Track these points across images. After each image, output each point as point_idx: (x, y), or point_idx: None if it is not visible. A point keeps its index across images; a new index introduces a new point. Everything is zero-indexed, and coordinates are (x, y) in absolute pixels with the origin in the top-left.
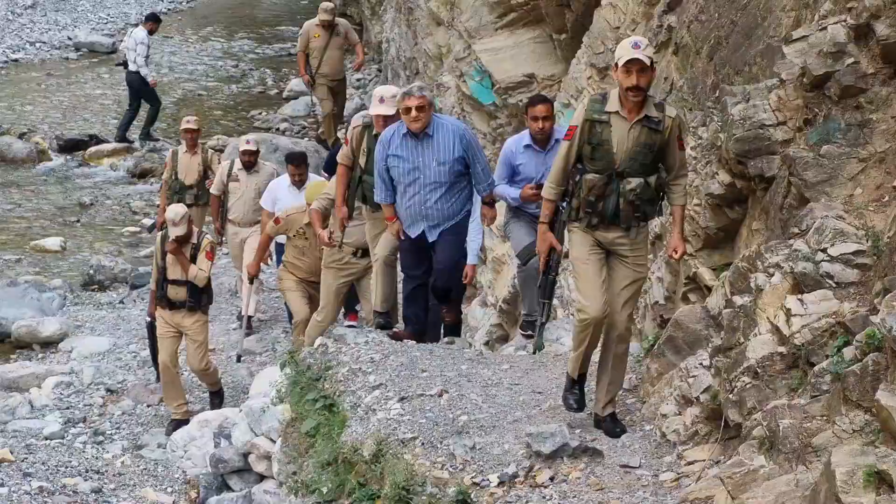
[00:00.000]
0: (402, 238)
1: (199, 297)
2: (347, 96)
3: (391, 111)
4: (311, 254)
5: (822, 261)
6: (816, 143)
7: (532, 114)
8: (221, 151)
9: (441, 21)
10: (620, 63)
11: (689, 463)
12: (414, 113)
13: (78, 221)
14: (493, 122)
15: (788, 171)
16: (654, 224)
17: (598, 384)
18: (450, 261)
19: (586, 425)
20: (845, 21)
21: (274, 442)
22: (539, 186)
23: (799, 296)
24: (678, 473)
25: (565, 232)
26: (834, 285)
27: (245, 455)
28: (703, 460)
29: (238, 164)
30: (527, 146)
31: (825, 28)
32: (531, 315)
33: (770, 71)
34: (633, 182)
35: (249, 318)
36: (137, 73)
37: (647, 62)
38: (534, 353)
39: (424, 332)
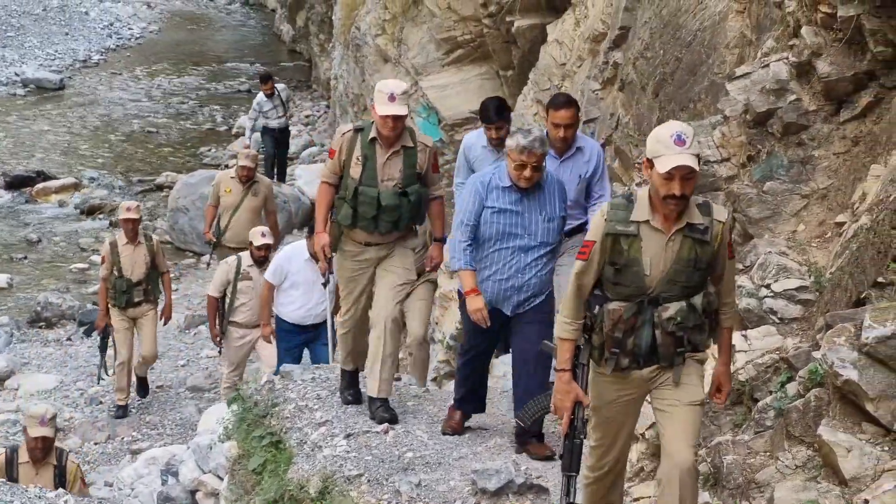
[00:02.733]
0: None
1: None
2: (296, 133)
3: (403, 111)
4: None
5: (766, 296)
6: (760, 180)
7: (552, 119)
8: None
9: (388, 58)
10: (661, 168)
11: (636, 500)
12: (528, 172)
13: (25, 258)
14: (441, 159)
15: (732, 207)
16: None
17: None
18: (537, 355)
19: (532, 462)
20: (787, 59)
21: (221, 479)
22: None
23: (743, 332)
24: None
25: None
26: (777, 321)
27: (192, 492)
28: (649, 497)
29: (248, 261)
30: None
31: (768, 65)
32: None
33: (714, 108)
34: (672, 308)
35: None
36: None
37: (696, 165)
38: None
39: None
